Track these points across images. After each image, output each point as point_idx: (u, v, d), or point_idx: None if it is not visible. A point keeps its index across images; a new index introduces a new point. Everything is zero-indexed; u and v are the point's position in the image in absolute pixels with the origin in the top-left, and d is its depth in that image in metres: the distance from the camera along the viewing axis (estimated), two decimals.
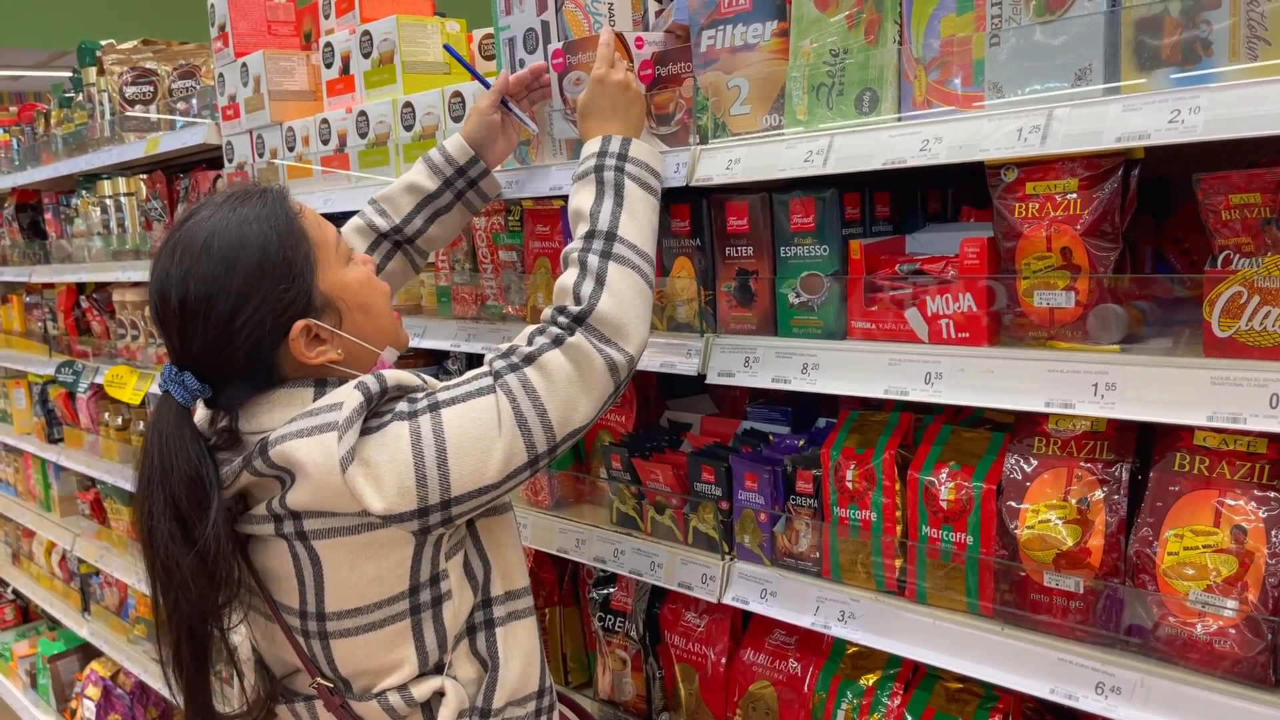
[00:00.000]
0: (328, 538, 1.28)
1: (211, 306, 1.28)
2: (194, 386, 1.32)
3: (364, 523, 1.26)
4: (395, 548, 1.29)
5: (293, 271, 1.32)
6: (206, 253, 1.29)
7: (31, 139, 4.11)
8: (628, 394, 2.03)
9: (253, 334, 1.30)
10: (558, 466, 2.06)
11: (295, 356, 1.33)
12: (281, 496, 1.28)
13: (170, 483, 1.28)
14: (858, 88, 1.47)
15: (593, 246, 1.43)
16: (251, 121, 2.72)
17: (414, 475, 1.25)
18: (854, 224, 1.56)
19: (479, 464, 1.28)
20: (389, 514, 1.25)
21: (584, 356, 1.33)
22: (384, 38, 2.32)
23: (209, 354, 1.31)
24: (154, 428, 1.32)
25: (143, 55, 3.36)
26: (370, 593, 1.30)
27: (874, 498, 1.52)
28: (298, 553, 1.30)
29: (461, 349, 2.14)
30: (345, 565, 1.29)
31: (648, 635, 1.94)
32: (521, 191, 1.93)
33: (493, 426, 1.29)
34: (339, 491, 1.24)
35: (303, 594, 1.32)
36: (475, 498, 1.29)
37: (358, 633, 1.32)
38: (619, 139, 1.55)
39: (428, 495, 1.26)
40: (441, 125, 2.16)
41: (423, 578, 1.32)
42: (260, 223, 1.32)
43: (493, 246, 2.09)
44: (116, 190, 3.53)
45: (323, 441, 1.25)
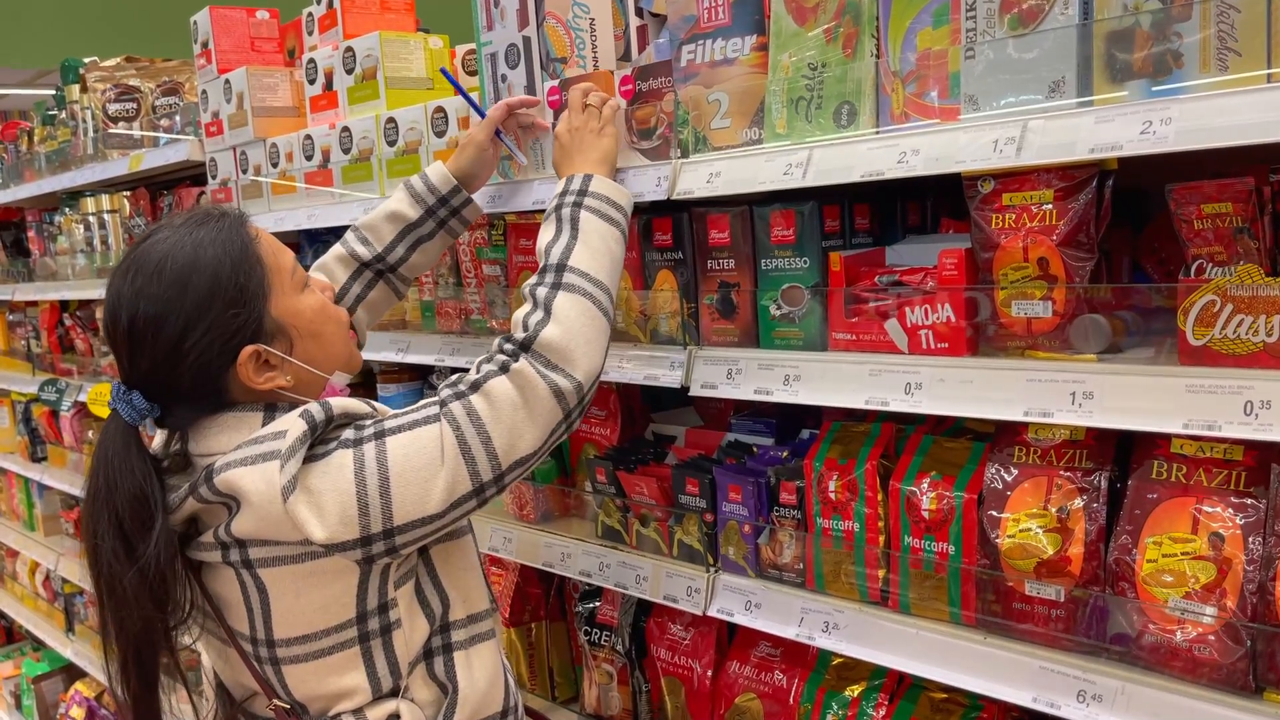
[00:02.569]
0: (272, 566, 1.28)
1: (161, 327, 1.28)
2: (141, 406, 1.31)
3: (307, 551, 1.26)
4: (340, 576, 1.28)
5: (244, 297, 1.32)
6: (159, 274, 1.29)
7: (15, 156, 4.10)
8: (612, 407, 2.03)
9: (200, 356, 1.29)
10: (543, 479, 2.06)
11: (243, 381, 1.32)
12: (227, 524, 1.28)
13: (115, 500, 1.27)
14: (836, 101, 1.48)
15: (544, 280, 1.43)
16: (235, 138, 2.72)
17: (356, 504, 1.24)
18: (834, 236, 1.57)
19: (421, 493, 1.26)
20: (331, 543, 1.24)
21: (528, 383, 1.31)
22: (367, 54, 2.33)
23: (157, 374, 1.31)
24: (101, 446, 1.31)
25: (126, 72, 3.36)
26: (317, 620, 1.30)
27: (856, 508, 1.52)
28: (244, 580, 1.30)
29: (446, 363, 2.14)
30: (290, 593, 1.29)
31: (634, 649, 1.94)
32: (505, 206, 1.94)
33: (436, 455, 1.27)
34: (281, 520, 1.24)
35: (251, 621, 1.32)
36: (419, 527, 1.28)
37: (308, 659, 1.32)
38: (581, 176, 1.55)
39: (370, 524, 1.25)
40: (425, 140, 2.17)
41: (370, 606, 1.31)
42: (215, 246, 1.32)
43: (476, 261, 2.09)
44: (100, 207, 3.53)
45: (265, 470, 1.24)
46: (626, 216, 1.55)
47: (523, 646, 2.17)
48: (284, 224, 2.54)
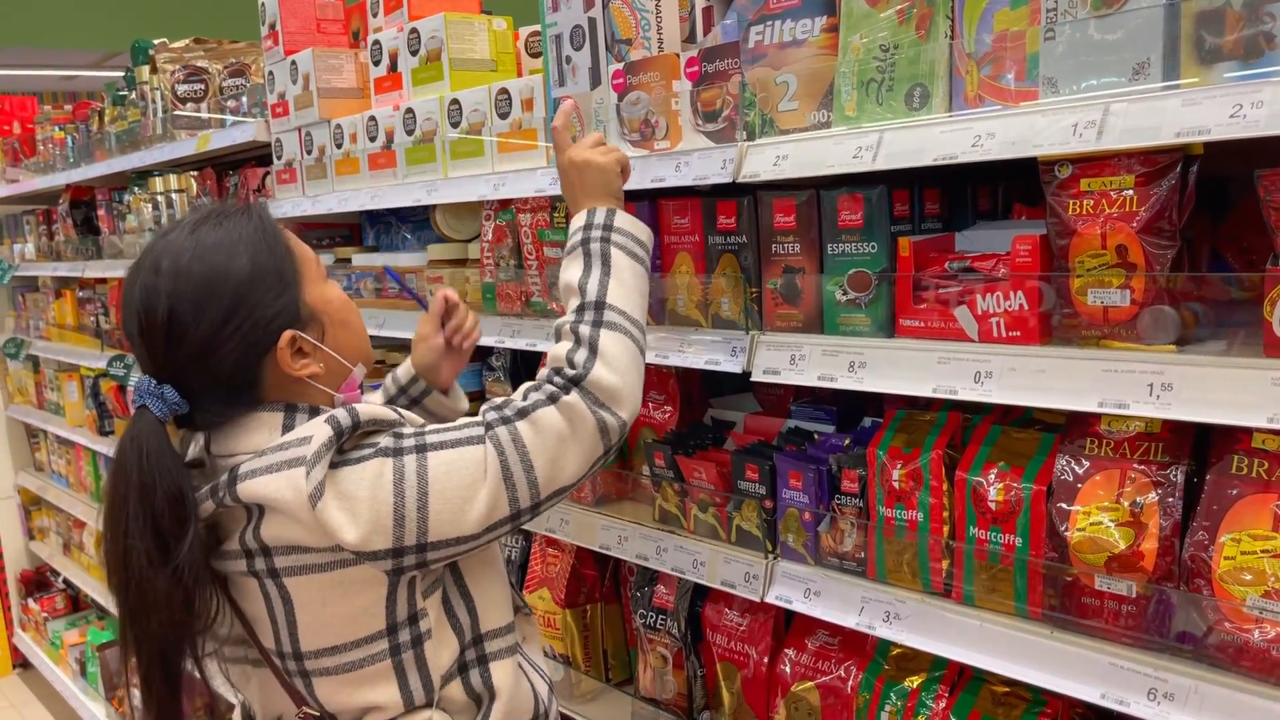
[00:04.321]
0: (299, 575, 1.25)
1: (203, 312, 1.26)
2: (174, 400, 1.28)
3: (336, 559, 1.24)
4: (368, 586, 1.26)
5: (282, 281, 1.31)
6: (199, 261, 1.28)
7: (86, 136, 4.19)
8: (672, 392, 2.02)
9: (243, 340, 1.28)
10: None
11: (281, 368, 1.31)
12: (254, 529, 1.25)
13: (152, 499, 1.23)
14: (908, 83, 1.45)
15: (585, 318, 1.39)
16: (300, 119, 2.75)
17: (392, 514, 1.23)
18: (903, 221, 1.54)
19: (459, 512, 1.25)
20: (361, 549, 1.22)
21: (578, 415, 1.30)
22: (431, 35, 2.34)
23: (195, 364, 1.28)
24: (133, 443, 1.26)
25: (194, 54, 3.41)
26: (345, 632, 1.28)
27: (921, 498, 1.50)
28: (268, 591, 1.28)
29: (506, 345, 2.15)
30: (317, 603, 1.26)
31: (689, 633, 1.94)
32: None
33: (478, 476, 1.26)
34: (310, 526, 1.22)
35: (277, 634, 1.30)
36: (452, 546, 1.27)
37: (338, 671, 1.30)
38: (604, 210, 1.50)
39: (404, 536, 1.23)
40: (488, 122, 2.18)
41: (400, 617, 1.29)
42: (249, 234, 1.31)
43: (538, 243, 2.09)
44: (168, 187, 3.59)
45: (290, 476, 1.22)
46: (649, 254, 1.52)
47: (578, 628, 2.18)
48: (347, 204, 2.56)
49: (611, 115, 1.89)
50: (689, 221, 1.79)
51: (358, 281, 2.64)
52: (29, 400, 5.29)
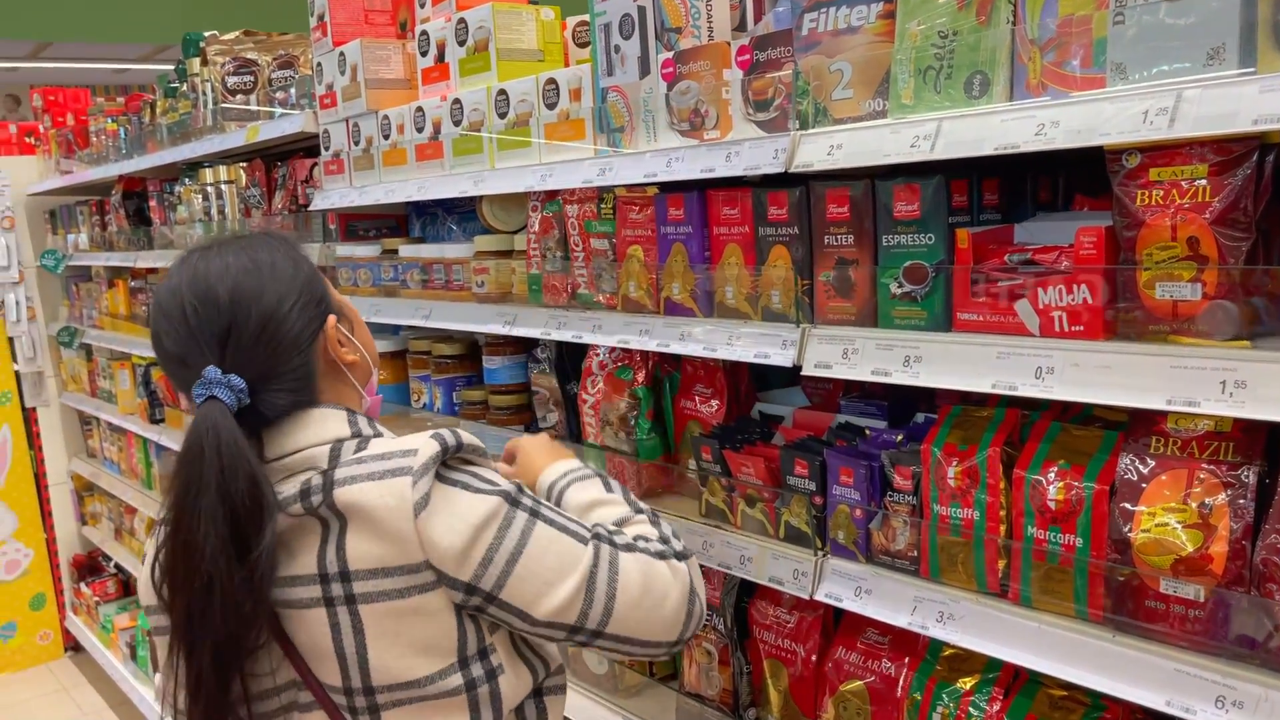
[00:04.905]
0: (376, 601, 1.24)
1: (262, 292, 1.30)
2: (240, 387, 1.26)
3: (415, 584, 1.23)
4: (439, 616, 1.25)
5: (317, 276, 1.39)
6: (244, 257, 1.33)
7: (138, 128, 4.24)
8: (719, 385, 2.00)
9: (299, 319, 1.31)
10: (646, 456, 2.04)
11: (329, 353, 1.36)
12: (338, 547, 1.24)
13: (233, 488, 1.20)
14: (968, 70, 1.41)
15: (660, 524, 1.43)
16: (348, 110, 2.76)
17: (484, 552, 1.23)
18: (961, 212, 1.50)
19: (538, 591, 1.25)
20: (448, 568, 1.23)
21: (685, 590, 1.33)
22: (479, 25, 2.33)
23: (258, 344, 1.29)
24: (209, 431, 1.22)
25: (244, 46, 3.44)
26: (419, 666, 1.26)
27: (977, 496, 1.47)
28: (339, 620, 1.25)
29: (552, 337, 2.14)
30: (389, 634, 1.25)
31: (736, 629, 1.92)
32: (614, 179, 1.92)
33: (570, 568, 1.27)
34: (403, 538, 1.22)
35: (344, 668, 1.26)
36: (512, 615, 1.27)
37: (410, 703, 1.28)
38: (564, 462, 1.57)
39: (483, 579, 1.24)
40: (536, 112, 2.16)
41: (470, 650, 1.28)
42: (277, 243, 1.38)
43: (584, 234, 2.08)
44: (217, 178, 3.63)
45: (394, 485, 1.22)
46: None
47: None
48: (394, 195, 2.57)
49: (660, 105, 1.87)
50: (739, 212, 1.76)
51: (404, 273, 2.64)
52: (82, 388, 5.39)
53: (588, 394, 2.14)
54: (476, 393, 2.54)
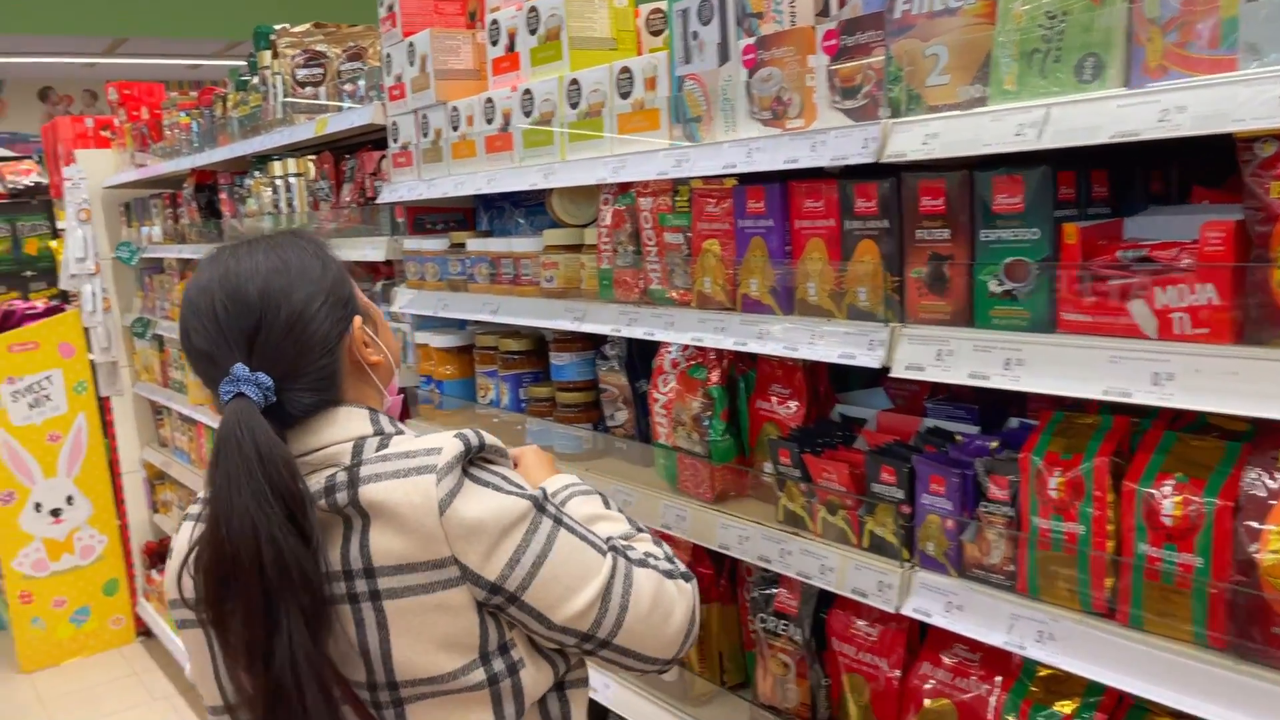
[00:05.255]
0: (401, 597, 1.25)
1: (291, 291, 1.31)
2: (267, 385, 1.27)
3: (439, 579, 1.25)
4: (463, 612, 1.27)
5: (344, 277, 1.40)
6: (273, 256, 1.34)
7: (210, 121, 4.28)
8: (798, 386, 1.92)
9: (327, 318, 1.33)
10: (720, 458, 1.97)
11: (354, 354, 1.37)
12: (361, 544, 1.25)
13: (276, 476, 1.21)
14: (1079, 53, 1.31)
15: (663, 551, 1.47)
16: (417, 101, 2.72)
17: (511, 553, 1.26)
18: (1068, 205, 1.40)
19: (559, 596, 1.29)
20: (472, 564, 1.24)
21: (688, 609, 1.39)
22: (551, 13, 2.27)
23: (286, 342, 1.30)
24: (242, 426, 1.23)
25: (314, 38, 3.43)
26: (443, 661, 1.27)
27: (1082, 509, 1.37)
28: (363, 617, 1.26)
29: (622, 334, 2.08)
30: (412, 630, 1.26)
31: (814, 641, 1.84)
32: (691, 170, 1.85)
33: (590, 576, 1.31)
34: (428, 535, 1.23)
35: (369, 664, 1.28)
36: (532, 619, 1.30)
37: (434, 695, 1.29)
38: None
39: (506, 580, 1.26)
40: (609, 102, 2.10)
41: (491, 646, 1.29)
42: (306, 244, 1.39)
43: (658, 228, 2.01)
44: (286, 171, 3.64)
45: (419, 483, 1.24)
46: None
47: None
48: (463, 188, 2.53)
49: (740, 93, 1.79)
50: (823, 205, 1.68)
51: (472, 267, 2.60)
52: (154, 378, 5.47)
53: (659, 393, 2.07)
54: (543, 389, 2.49)
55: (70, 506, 5.44)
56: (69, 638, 5.47)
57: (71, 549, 5.47)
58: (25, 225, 6.24)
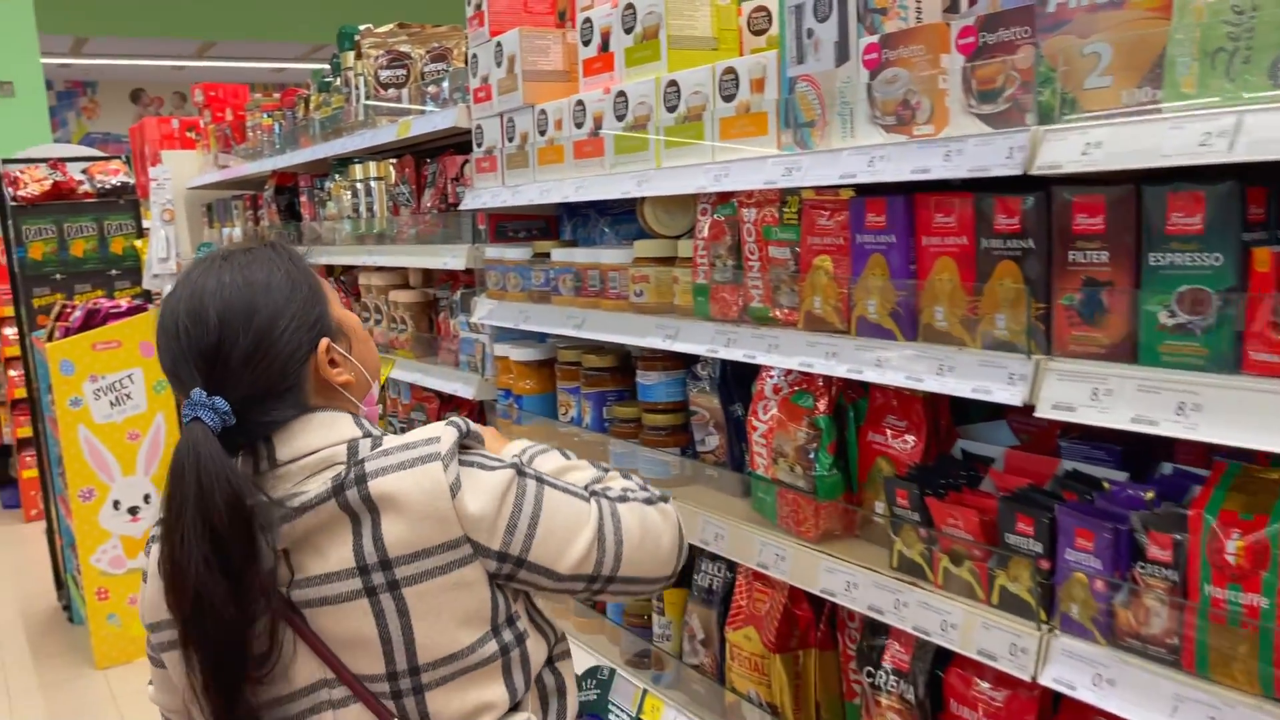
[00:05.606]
0: (419, 582, 1.31)
1: (251, 317, 1.33)
2: (224, 409, 1.30)
3: (455, 559, 1.32)
4: (477, 587, 1.34)
5: (315, 295, 1.41)
6: (240, 278, 1.35)
7: (292, 123, 4.24)
8: (916, 418, 1.75)
9: (289, 343, 1.35)
10: (826, 495, 1.81)
11: (320, 374, 1.39)
12: (375, 539, 1.30)
13: (211, 508, 1.26)
14: (1273, 53, 1.13)
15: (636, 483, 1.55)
16: (503, 104, 2.61)
17: (507, 521, 1.34)
18: (1257, 227, 1.21)
19: (559, 548, 1.37)
20: (483, 538, 1.33)
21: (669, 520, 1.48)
22: (649, 10, 2.13)
23: (244, 368, 1.32)
24: (190, 452, 1.27)
25: (398, 38, 3.35)
26: (461, 636, 1.34)
27: (1266, 579, 1.18)
28: (383, 607, 1.31)
29: (719, 355, 1.92)
30: (434, 611, 1.32)
31: (929, 701, 1.66)
32: (803, 180, 1.69)
33: (583, 523, 1.40)
34: (442, 517, 1.30)
35: (389, 653, 1.33)
36: (540, 575, 1.38)
37: (454, 677, 1.35)
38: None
39: (511, 545, 1.35)
40: (710, 105, 1.95)
41: (501, 618, 1.38)
42: (280, 258, 1.41)
43: (762, 242, 1.86)
44: (367, 174, 3.57)
45: (427, 471, 1.31)
46: None
47: (788, 675, 1.94)
48: (549, 196, 2.40)
49: (860, 95, 1.63)
50: (955, 221, 1.51)
51: (556, 278, 2.47)
52: None
53: (759, 420, 1.92)
54: (629, 409, 2.35)
55: (147, 505, 5.47)
56: (142, 635, 5.49)
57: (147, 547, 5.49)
58: (112, 224, 6.32)
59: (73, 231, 6.17)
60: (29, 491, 7.84)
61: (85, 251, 6.24)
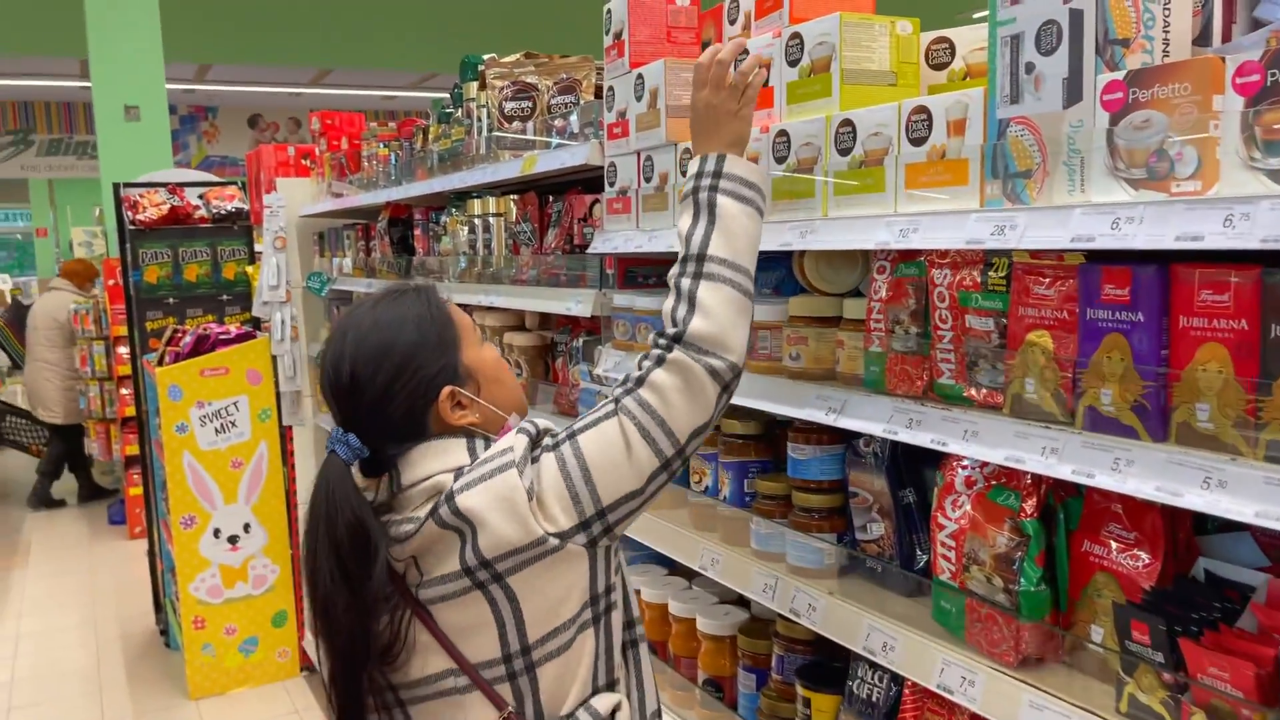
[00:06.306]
0: (519, 571, 1.46)
1: (376, 374, 1.52)
2: (356, 445, 1.53)
3: (546, 548, 1.45)
4: (574, 564, 1.48)
5: (443, 346, 1.57)
6: (373, 331, 1.55)
7: (409, 154, 4.12)
8: (1150, 530, 1.45)
9: (409, 396, 1.53)
10: (1030, 612, 1.52)
11: (443, 418, 1.56)
12: (473, 548, 1.45)
13: (335, 527, 1.48)
14: None
15: (686, 270, 1.60)
16: (641, 141, 2.40)
17: (569, 495, 1.47)
18: None
19: (618, 475, 1.48)
20: (561, 532, 1.46)
21: (686, 368, 1.51)
22: (819, 41, 1.89)
23: (372, 414, 1.53)
24: (322, 479, 1.53)
25: (524, 69, 3.18)
26: (563, 611, 1.49)
27: None
28: (494, 596, 1.47)
29: (899, 438, 1.65)
30: (538, 592, 1.47)
31: None
32: (1018, 240, 1.43)
33: (622, 443, 1.48)
34: (523, 520, 1.44)
35: (504, 635, 1.48)
36: (625, 503, 1.49)
37: (558, 653, 1.50)
38: (714, 157, 1.67)
39: (584, 509, 1.47)
40: (894, 149, 1.70)
41: (599, 589, 1.52)
42: (416, 308, 1.59)
43: (958, 309, 1.59)
44: (485, 210, 3.40)
45: (505, 480, 1.46)
46: (762, 195, 1.67)
47: None
48: None
49: (1098, 143, 1.36)
50: (1231, 300, 1.22)
51: None
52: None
53: (946, 518, 1.64)
54: (776, 485, 2.09)
55: (247, 534, 5.41)
56: (237, 667, 5.41)
57: (245, 577, 5.43)
58: (225, 250, 6.34)
59: (187, 256, 6.20)
60: (134, 509, 7.94)
61: (198, 276, 6.27)
